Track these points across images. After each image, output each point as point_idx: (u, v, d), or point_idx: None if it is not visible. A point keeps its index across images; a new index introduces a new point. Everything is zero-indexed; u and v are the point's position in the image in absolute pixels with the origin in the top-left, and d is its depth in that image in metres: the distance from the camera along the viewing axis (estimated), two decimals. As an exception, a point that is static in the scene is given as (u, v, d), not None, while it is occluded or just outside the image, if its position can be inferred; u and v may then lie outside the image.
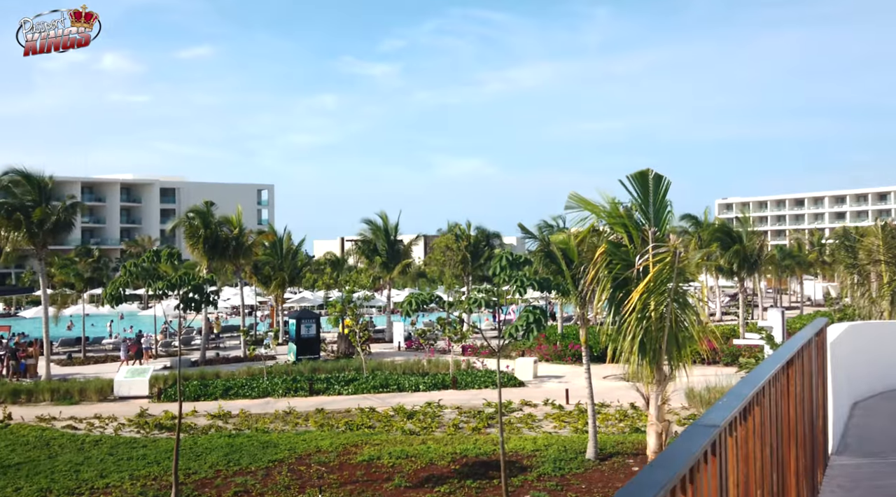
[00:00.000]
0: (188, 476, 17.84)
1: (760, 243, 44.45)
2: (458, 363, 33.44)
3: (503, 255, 12.70)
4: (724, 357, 34.96)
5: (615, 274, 10.81)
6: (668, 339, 10.54)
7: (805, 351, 5.86)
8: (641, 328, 10.46)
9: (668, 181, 10.91)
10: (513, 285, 12.39)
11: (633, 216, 10.95)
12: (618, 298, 10.89)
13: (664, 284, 10.31)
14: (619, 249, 11.00)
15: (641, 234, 10.74)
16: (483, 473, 17.85)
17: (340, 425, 23.15)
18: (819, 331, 6.71)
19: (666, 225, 11.01)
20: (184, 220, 38.65)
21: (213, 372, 31.63)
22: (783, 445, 4.70)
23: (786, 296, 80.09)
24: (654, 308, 10.43)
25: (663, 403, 10.84)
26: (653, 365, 10.70)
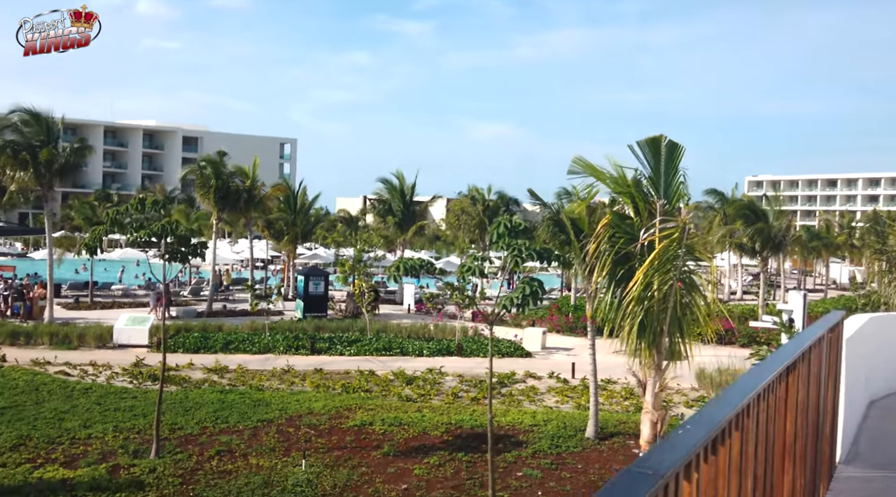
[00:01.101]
0: (173, 431, 17.33)
1: (787, 223, 43.02)
2: (466, 330, 32.73)
3: (501, 221, 11.79)
4: (740, 338, 33.95)
5: (618, 248, 9.89)
6: (670, 321, 9.65)
7: (814, 350, 4.97)
8: (642, 308, 9.57)
9: (682, 149, 9.91)
10: (510, 254, 11.50)
11: (641, 186, 9.99)
12: (619, 274, 9.98)
13: (670, 262, 9.39)
14: (623, 222, 10.07)
15: (649, 206, 9.79)
16: (476, 446, 17.15)
17: (337, 387, 22.56)
18: (833, 326, 5.79)
19: (677, 197, 10.05)
20: (195, 168, 37.98)
21: (216, 324, 31.18)
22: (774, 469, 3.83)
23: (810, 278, 78.44)
24: (657, 287, 9.53)
25: (661, 390, 9.99)
26: (652, 348, 9.83)
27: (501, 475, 15.44)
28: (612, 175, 9.78)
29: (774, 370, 3.62)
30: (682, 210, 9.96)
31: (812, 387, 4.98)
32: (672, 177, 9.93)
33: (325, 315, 37.15)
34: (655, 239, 9.39)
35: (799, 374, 4.38)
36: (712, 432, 2.52)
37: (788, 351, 4.17)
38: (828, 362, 5.69)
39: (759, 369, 3.67)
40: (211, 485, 14.08)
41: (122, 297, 44.05)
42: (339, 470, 15.21)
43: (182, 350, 27.33)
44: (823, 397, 5.59)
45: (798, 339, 4.79)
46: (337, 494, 13.99)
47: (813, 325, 5.45)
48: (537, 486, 14.98)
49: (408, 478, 15.02)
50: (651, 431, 10.00)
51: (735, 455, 2.95)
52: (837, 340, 6.16)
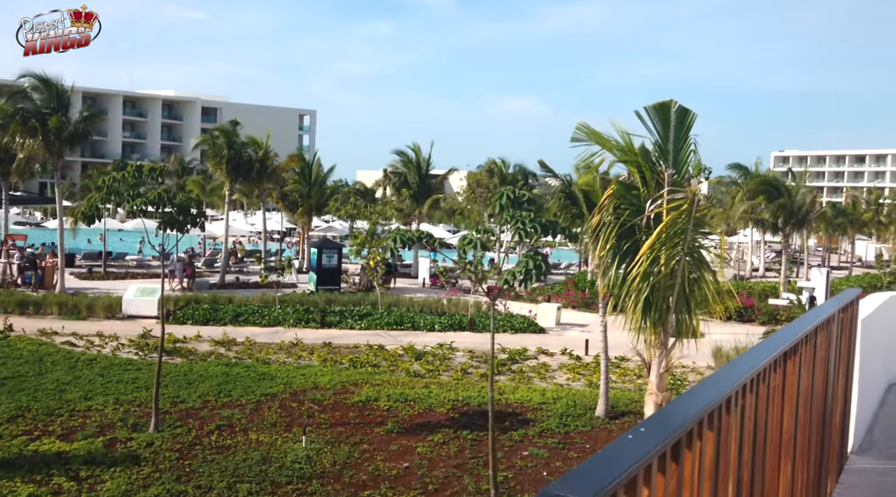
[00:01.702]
0: (175, 405, 17.06)
1: (812, 198, 41.94)
2: (479, 305, 32.25)
3: (504, 192, 11.22)
4: (760, 315, 33.20)
5: (623, 220, 9.29)
6: (677, 298, 9.07)
7: (821, 332, 4.41)
8: (647, 284, 8.99)
9: (693, 115, 9.24)
10: (513, 226, 10.95)
11: (649, 155, 9.36)
12: (624, 248, 9.40)
13: (678, 236, 8.79)
14: (629, 192, 9.45)
15: (657, 176, 9.17)
16: (482, 424, 16.71)
17: (344, 361, 22.21)
18: (846, 305, 5.20)
19: (687, 167, 9.41)
20: (207, 138, 37.57)
21: (226, 296, 30.93)
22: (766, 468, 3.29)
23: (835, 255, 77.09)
24: (664, 262, 8.94)
25: (666, 371, 9.44)
26: (658, 326, 9.26)
27: (507, 454, 15.03)
28: (617, 143, 9.16)
29: (766, 357, 3.08)
30: (693, 180, 9.31)
31: (818, 372, 4.42)
32: (682, 145, 9.29)
33: (338, 288, 36.82)
34: (663, 211, 8.79)
35: (801, 359, 3.84)
36: (675, 435, 2.00)
37: (787, 334, 3.61)
38: (838, 344, 5.13)
39: (748, 357, 3.13)
40: (208, 460, 13.78)
41: (136, 267, 43.99)
42: (340, 447, 14.86)
43: (191, 322, 27.11)
44: (833, 383, 5.02)
45: (801, 321, 4.21)
46: (336, 472, 13.64)
47: (822, 305, 4.89)
48: (543, 466, 14.55)
49: (410, 456, 14.64)
50: (656, 415, 9.49)
51: (708, 459, 2.44)
52: (851, 320, 5.58)
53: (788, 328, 3.94)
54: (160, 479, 12.81)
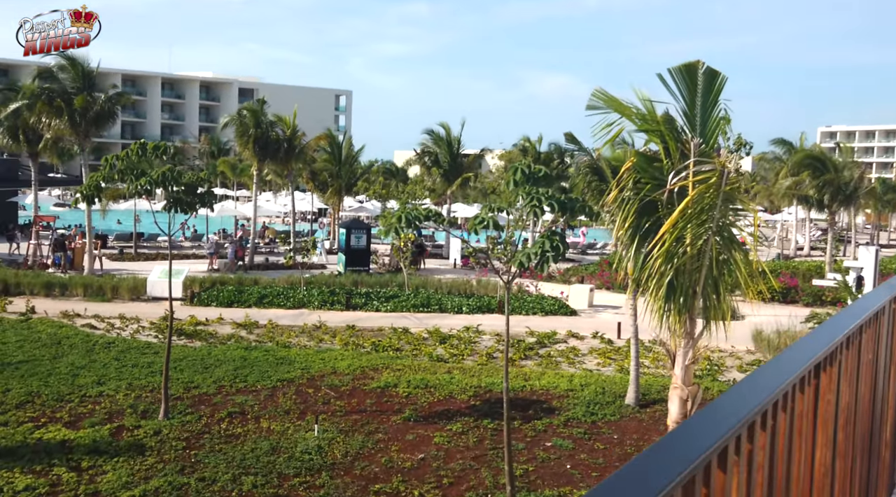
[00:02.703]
0: (188, 390, 16.61)
1: (860, 174, 40.11)
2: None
3: (518, 166, 10.36)
4: (804, 297, 31.82)
5: (644, 195, 8.38)
6: (705, 281, 8.16)
7: (867, 331, 3.50)
8: (671, 266, 8.10)
9: (723, 78, 8.25)
10: (527, 203, 10.10)
11: (673, 122, 8.40)
12: (644, 226, 8.50)
13: (705, 213, 7.87)
14: (651, 165, 8.51)
15: (682, 146, 8.22)
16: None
17: (367, 345, 21.61)
18: (893, 298, 4.23)
19: (716, 135, 8.43)
20: (235, 117, 37.12)
21: (252, 278, 30.55)
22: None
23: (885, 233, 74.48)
24: (690, 242, 8.02)
25: (693, 363, 8.55)
26: (683, 313, 8.37)
27: (529, 445, 14.27)
28: (638, 110, 8.23)
29: (790, 375, 2.24)
30: (723, 151, 8.36)
31: (864, 384, 3.53)
32: (710, 111, 8.32)
33: (367, 269, 36.25)
34: (689, 184, 7.87)
35: (840, 370, 2.96)
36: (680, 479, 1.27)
37: (820, 339, 2.74)
38: (890, 344, 4.20)
39: (765, 374, 2.29)
40: (215, 450, 13.26)
41: (164, 248, 43.95)
42: (354, 436, 14.23)
43: (216, 303, 26.74)
44: (882, 397, 4.11)
45: (839, 319, 3.30)
46: (347, 463, 13.02)
47: (868, 295, 3.96)
48: (567, 459, 13.76)
49: (426, 446, 13.96)
50: (680, 410, 8.60)
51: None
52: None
53: (822, 330, 3.03)
54: (163, 470, 12.31)
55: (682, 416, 8.65)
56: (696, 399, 8.58)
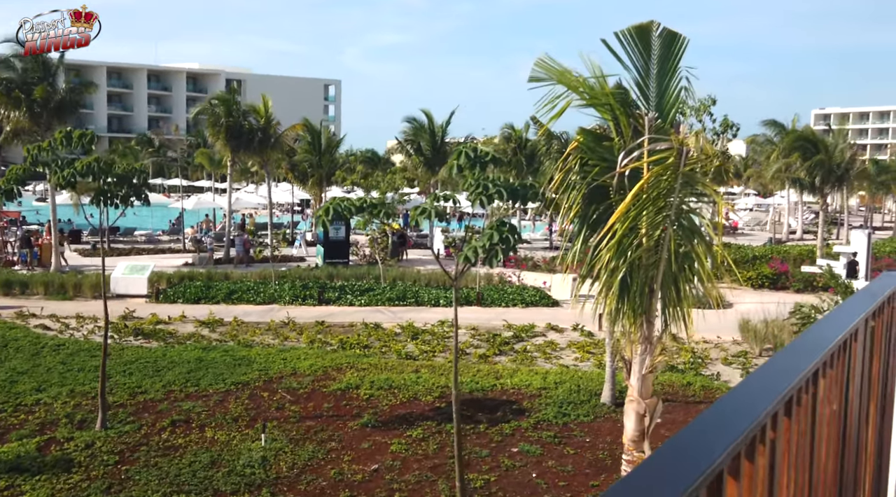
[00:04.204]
0: (134, 396, 15.55)
1: (852, 155, 39.01)
2: (490, 277, 30.38)
3: (463, 149, 9.29)
4: (794, 282, 30.80)
5: (591, 179, 7.30)
6: (664, 278, 7.10)
7: (837, 360, 2.54)
8: (624, 261, 7.04)
9: (683, 42, 7.14)
10: (473, 191, 9.03)
11: (626, 95, 7.30)
12: (593, 215, 7.44)
13: (662, 198, 6.81)
14: (599, 144, 7.43)
15: (635, 122, 7.13)
16: (470, 415, 14.96)
17: (334, 342, 20.56)
18: (881, 304, 3.22)
19: (675, 110, 7.34)
20: (207, 107, 35.91)
21: (222, 273, 29.46)
22: None
23: (879, 215, 73.52)
24: (645, 232, 6.96)
25: (651, 370, 7.51)
26: (638, 315, 7.32)
27: (493, 451, 13.25)
28: (585, 81, 7.13)
29: (744, 429, 1.54)
30: (682, 126, 7.27)
31: (828, 437, 2.52)
32: (668, 81, 7.23)
33: (346, 261, 35.18)
34: (644, 166, 6.80)
35: (807, 409, 2.07)
36: None
37: (781, 378, 1.83)
38: (868, 369, 3.17)
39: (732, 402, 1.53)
40: (150, 465, 12.21)
41: (145, 242, 42.84)
42: (305, 445, 13.20)
43: (182, 300, 25.66)
44: (860, 428, 3.09)
45: (806, 344, 2.33)
46: (293, 477, 11.98)
47: (839, 310, 2.94)
48: (533, 466, 12.75)
49: (382, 455, 12.93)
50: (637, 426, 7.55)
51: None
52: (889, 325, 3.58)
53: (782, 364, 2.13)
54: (87, 489, 11.26)
55: (638, 433, 7.61)
56: (654, 413, 7.54)
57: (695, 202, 7.47)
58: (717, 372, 18.39)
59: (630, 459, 7.70)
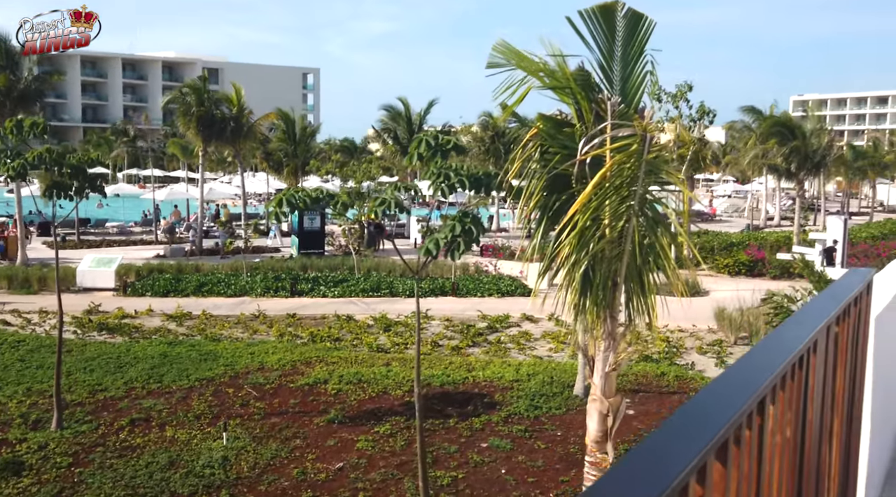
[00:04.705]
0: (94, 394, 15.06)
1: (829, 141, 38.95)
2: (466, 266, 30.03)
3: (424, 137, 8.91)
4: (771, 269, 30.70)
5: (552, 167, 6.94)
6: (628, 271, 6.77)
7: (794, 377, 2.22)
8: (587, 253, 6.69)
9: (649, 24, 6.76)
10: (434, 181, 8.65)
11: (588, 78, 6.92)
12: (554, 206, 7.08)
13: (626, 187, 6.46)
14: (560, 131, 7.07)
15: (597, 107, 6.76)
16: (441, 409, 14.64)
17: (304, 335, 20.14)
18: (846, 308, 2.89)
19: (640, 94, 6.98)
20: (177, 95, 35.19)
21: (193, 265, 28.89)
22: None
23: (856, 200, 73.91)
24: (609, 223, 6.61)
25: (615, 369, 7.18)
26: (601, 310, 6.98)
27: (462, 447, 12.92)
28: (546, 65, 6.75)
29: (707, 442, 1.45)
30: (647, 112, 6.92)
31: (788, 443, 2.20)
32: (632, 64, 6.87)
33: (321, 252, 34.72)
34: (606, 153, 6.44)
35: (776, 415, 1.89)
36: None
37: (706, 428, 1.49)
38: (832, 383, 2.83)
39: None
40: (105, 466, 11.77)
41: (117, 234, 42.11)
42: (268, 443, 12.81)
43: (150, 293, 25.11)
44: (821, 428, 2.76)
45: (747, 369, 1.97)
46: (254, 478, 11.59)
47: (795, 318, 2.59)
48: (503, 462, 12.43)
49: (348, 452, 12.56)
50: (600, 427, 7.22)
51: None
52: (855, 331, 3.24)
53: (722, 392, 1.80)
54: (37, 493, 10.81)
55: (601, 433, 7.29)
56: (618, 413, 7.21)
57: (658, 191, 7.13)
58: (691, 361, 18.17)
59: (593, 461, 7.38)
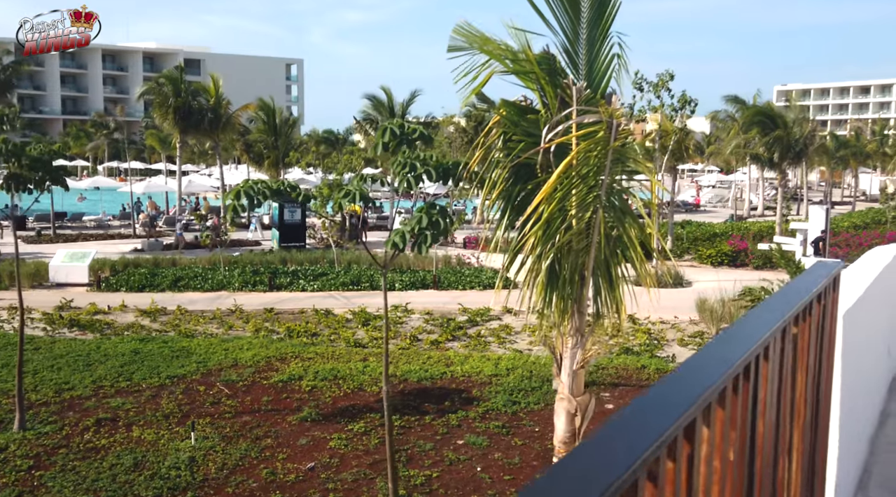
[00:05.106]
0: (60, 393, 14.66)
1: (811, 130, 38.85)
2: (448, 258, 29.72)
3: (388, 126, 8.57)
4: (753, 259, 30.58)
5: (515, 156, 6.62)
6: (595, 265, 6.47)
7: (760, 366, 1.92)
8: (553, 245, 6.40)
9: (615, 3, 6.45)
10: (399, 171, 8.32)
11: (553, 62, 6.59)
12: (518, 196, 6.77)
13: (592, 176, 6.16)
14: (524, 117, 6.75)
15: (562, 93, 6.44)
16: (417, 406, 14.35)
17: (281, 331, 19.79)
18: (802, 311, 2.61)
19: (607, 79, 6.66)
20: (153, 86, 34.60)
21: (170, 259, 28.42)
22: None
23: (838, 190, 74.11)
24: (575, 213, 6.31)
25: (583, 366, 6.90)
26: (568, 304, 6.69)
27: (438, 444, 12.64)
28: (509, 49, 6.42)
29: None
30: (615, 96, 6.61)
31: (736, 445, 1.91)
32: (599, 46, 6.56)
33: (302, 245, 34.30)
34: (572, 141, 6.13)
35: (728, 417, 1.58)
36: None
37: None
38: (791, 389, 2.55)
39: None
40: (67, 469, 11.40)
41: (95, 228, 41.47)
42: (238, 443, 12.47)
43: (125, 288, 24.64)
44: (773, 466, 2.47)
45: (688, 377, 1.67)
46: (222, 479, 11.25)
47: (746, 318, 2.30)
48: (479, 459, 12.15)
49: (320, 452, 12.24)
50: (567, 427, 6.94)
51: None
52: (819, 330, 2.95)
53: (658, 400, 1.48)
54: (-6, 498, 10.43)
55: (569, 434, 7.00)
56: (587, 412, 6.93)
57: (626, 180, 6.84)
58: (672, 353, 17.95)
59: (561, 463, 7.10)
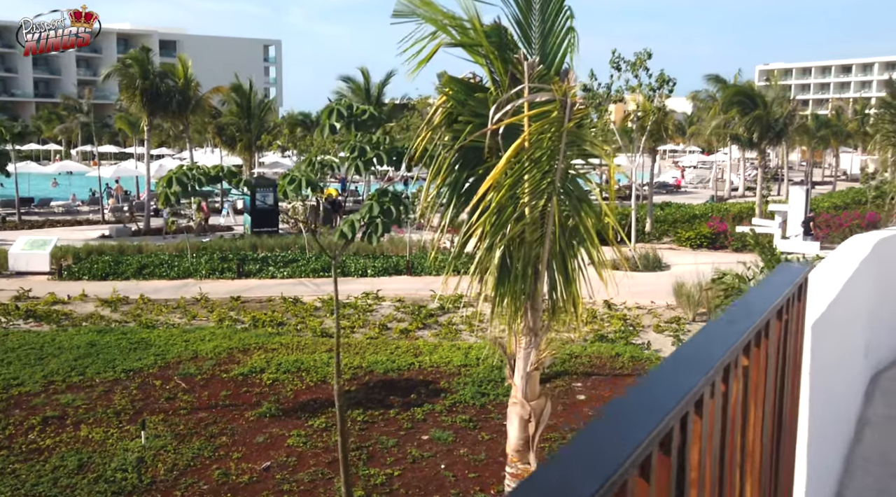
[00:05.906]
0: (7, 389, 13.99)
1: (791, 109, 38.46)
2: (422, 244, 29.13)
3: (336, 107, 7.97)
4: (732, 242, 30.21)
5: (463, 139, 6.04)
6: (550, 258, 5.93)
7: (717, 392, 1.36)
8: (503, 237, 5.85)
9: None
10: (349, 156, 7.72)
11: (504, 35, 5.99)
12: (465, 183, 6.21)
13: (547, 160, 5.60)
14: (471, 96, 6.16)
15: (513, 69, 5.84)
16: (381, 399, 13.80)
17: (246, 320, 19.16)
18: (766, 322, 2.07)
19: (562, 54, 6.07)
20: (119, 67, 33.63)
21: (135, 246, 27.64)
22: None
23: (819, 169, 74.05)
24: (527, 201, 5.76)
25: (537, 368, 6.38)
26: (520, 302, 6.15)
27: (401, 440, 12.11)
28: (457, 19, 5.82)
29: None
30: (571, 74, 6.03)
31: None
32: (552, 20, 5.97)
33: (275, 230, 33.58)
34: (524, 122, 5.56)
35: None
36: None
37: None
38: (741, 434, 2.00)
39: None
40: (6, 472, 10.78)
41: (63, 214, 40.51)
42: (191, 441, 11.88)
43: (88, 277, 23.88)
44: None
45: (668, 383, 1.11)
46: (171, 481, 10.67)
47: (694, 343, 1.73)
48: (443, 456, 11.64)
49: (277, 450, 11.69)
50: (521, 433, 6.41)
51: None
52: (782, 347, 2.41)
53: None
54: (-77, 507, 9.80)
55: (523, 441, 6.48)
56: (542, 417, 6.42)
57: (582, 164, 6.29)
58: (648, 340, 17.51)
59: (513, 473, 6.58)
